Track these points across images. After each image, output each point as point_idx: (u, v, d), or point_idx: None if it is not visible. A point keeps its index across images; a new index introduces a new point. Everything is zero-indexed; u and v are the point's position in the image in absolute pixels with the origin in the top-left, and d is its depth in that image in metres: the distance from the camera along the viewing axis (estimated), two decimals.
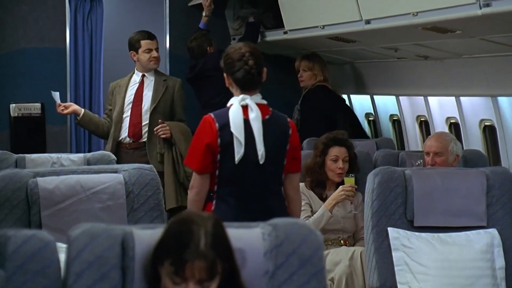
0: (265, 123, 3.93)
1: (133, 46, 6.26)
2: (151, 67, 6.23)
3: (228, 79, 4.03)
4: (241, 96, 3.96)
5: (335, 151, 5.12)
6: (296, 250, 2.34)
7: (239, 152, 3.87)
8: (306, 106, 6.97)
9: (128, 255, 2.24)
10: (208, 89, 7.14)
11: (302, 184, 5.12)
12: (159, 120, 6.04)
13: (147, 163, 5.28)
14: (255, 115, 3.92)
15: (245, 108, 3.94)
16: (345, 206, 5.07)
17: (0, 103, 8.18)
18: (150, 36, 6.30)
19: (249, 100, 3.93)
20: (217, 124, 3.89)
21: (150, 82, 6.24)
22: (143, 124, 6.15)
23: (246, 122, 3.91)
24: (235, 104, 3.94)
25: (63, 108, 6.37)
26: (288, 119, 4.05)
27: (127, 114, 6.19)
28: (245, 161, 3.89)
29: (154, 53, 6.21)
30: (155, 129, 6.01)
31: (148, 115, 6.15)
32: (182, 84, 6.36)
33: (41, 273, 2.22)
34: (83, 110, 6.42)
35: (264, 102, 4.01)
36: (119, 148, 6.15)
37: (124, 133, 6.17)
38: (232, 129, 3.87)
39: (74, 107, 6.46)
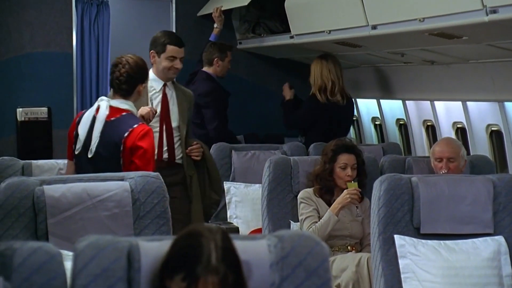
0: (107, 124, 4.38)
1: (157, 47, 5.37)
2: (168, 76, 5.33)
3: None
4: (101, 97, 4.54)
5: (344, 158, 5.11)
6: (302, 262, 2.33)
7: (78, 144, 4.44)
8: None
9: (134, 268, 2.24)
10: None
11: (310, 190, 5.12)
12: (194, 142, 5.37)
13: (178, 184, 5.13)
14: (99, 115, 4.40)
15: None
16: (352, 210, 5.07)
17: (7, 108, 8.20)
18: (178, 42, 5.40)
19: (103, 102, 4.45)
20: (78, 119, 4.54)
21: (172, 94, 5.37)
22: (176, 144, 5.32)
23: (95, 120, 4.42)
24: (94, 104, 4.54)
25: None
26: (136, 125, 4.36)
27: (155, 130, 5.17)
28: (83, 153, 4.42)
29: (178, 64, 5.31)
30: (189, 149, 5.32)
31: (178, 134, 5.34)
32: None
33: (47, 285, 2.22)
34: None
35: (123, 106, 4.43)
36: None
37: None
38: (79, 125, 4.47)
39: None
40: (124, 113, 4.41)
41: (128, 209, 3.53)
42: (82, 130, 4.43)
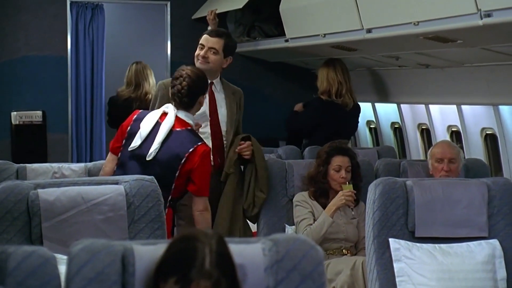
0: (172, 133, 4.47)
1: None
2: (198, 66, 5.01)
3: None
4: (168, 104, 4.62)
5: (338, 160, 5.12)
6: (297, 266, 2.33)
7: (137, 141, 4.45)
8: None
9: (128, 271, 2.23)
10: None
11: (305, 193, 5.12)
12: (242, 141, 5.15)
13: (214, 184, 4.93)
14: (166, 121, 4.48)
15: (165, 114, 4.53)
16: (347, 213, 5.07)
17: (2, 111, 8.20)
18: (211, 32, 5.24)
19: (170, 109, 4.54)
20: (135, 116, 4.58)
21: (220, 95, 5.16)
22: (225, 148, 5.17)
23: (158, 125, 4.49)
24: (159, 108, 4.62)
25: None
26: (200, 143, 4.46)
27: (203, 135, 4.94)
28: (137, 152, 4.46)
29: (204, 52, 5.06)
30: (239, 148, 5.12)
31: (225, 140, 5.17)
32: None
33: None
34: None
35: (188, 120, 4.53)
36: None
37: None
38: (142, 122, 4.50)
39: None
40: (189, 127, 4.51)
41: (123, 213, 3.53)
42: (145, 130, 4.47)
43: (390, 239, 3.80)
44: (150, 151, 4.42)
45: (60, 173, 4.96)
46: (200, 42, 5.12)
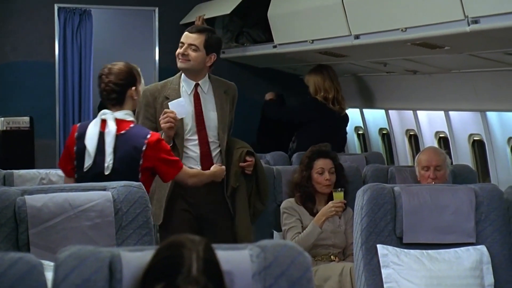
0: (118, 138, 4.20)
1: None
2: (178, 66, 4.85)
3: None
4: (103, 111, 4.30)
5: (320, 163, 5.13)
6: (284, 272, 2.32)
7: (88, 161, 4.19)
8: None
9: (115, 278, 2.22)
10: None
11: (292, 200, 5.13)
12: (247, 156, 4.91)
13: (218, 204, 4.83)
14: (109, 130, 4.21)
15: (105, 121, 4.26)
16: (334, 220, 5.07)
17: None
18: (192, 28, 4.93)
19: (108, 115, 4.25)
20: (76, 133, 4.27)
21: (208, 96, 4.89)
22: (213, 155, 4.86)
23: (102, 135, 4.21)
24: (96, 118, 4.30)
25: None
26: (149, 135, 4.21)
27: (191, 142, 4.84)
28: (93, 170, 4.18)
29: (183, 49, 4.82)
30: (245, 164, 4.90)
31: (217, 145, 4.87)
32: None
33: None
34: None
35: (128, 118, 4.27)
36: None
37: (195, 166, 4.80)
38: (86, 140, 4.21)
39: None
40: (132, 125, 4.28)
41: (110, 219, 3.52)
42: (91, 146, 4.22)
43: (378, 245, 3.80)
44: (106, 165, 4.19)
45: (48, 179, 4.95)
46: (180, 40, 4.86)
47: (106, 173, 4.16)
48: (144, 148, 4.19)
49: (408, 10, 4.88)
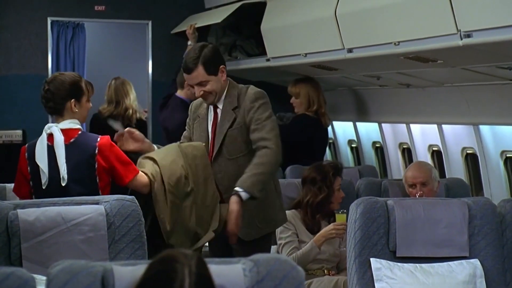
0: (68, 147, 4.14)
1: None
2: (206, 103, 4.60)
3: None
4: (47, 125, 4.29)
5: (338, 180, 5.11)
6: (277, 286, 2.32)
7: (43, 178, 4.12)
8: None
9: None
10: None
11: (289, 212, 5.02)
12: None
13: None
14: (56, 141, 4.17)
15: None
16: (334, 242, 5.03)
17: None
18: (184, 68, 4.53)
19: (53, 128, 4.23)
20: (26, 154, 4.26)
21: (222, 111, 4.58)
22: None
23: (52, 148, 4.17)
24: (42, 133, 4.27)
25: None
26: (99, 139, 4.14)
27: None
28: (52, 185, 4.11)
29: (196, 93, 4.52)
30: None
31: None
32: (256, 97, 4.56)
33: None
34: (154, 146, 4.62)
35: (73, 126, 4.22)
36: None
37: None
38: (36, 158, 4.16)
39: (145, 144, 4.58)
40: (79, 132, 4.22)
41: (103, 233, 3.51)
42: (43, 162, 4.18)
43: (371, 259, 3.79)
44: (61, 176, 4.13)
45: None
46: (186, 82, 4.62)
47: (63, 184, 4.11)
48: (96, 151, 4.13)
49: (401, 24, 4.89)
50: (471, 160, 6.10)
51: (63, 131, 4.21)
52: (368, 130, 7.67)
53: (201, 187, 4.30)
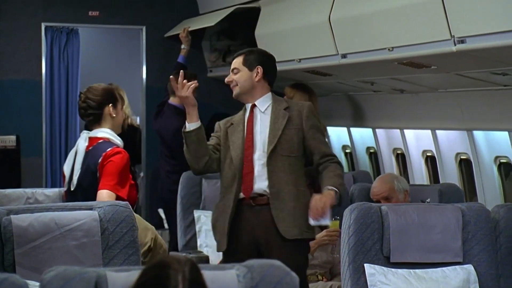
0: (86, 154, 4.36)
1: None
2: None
3: None
4: (82, 131, 4.51)
5: None
6: None
7: (66, 181, 4.42)
8: None
9: None
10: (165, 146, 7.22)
11: None
12: None
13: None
14: (78, 148, 4.41)
15: None
16: (326, 249, 5.02)
17: None
18: (235, 55, 4.84)
19: (83, 134, 4.45)
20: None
21: (265, 114, 4.66)
22: (256, 173, 4.54)
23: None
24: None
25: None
26: (109, 149, 4.27)
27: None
28: (69, 188, 4.40)
29: (227, 78, 4.78)
30: None
31: (264, 161, 4.57)
32: (312, 108, 4.74)
33: None
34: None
35: (100, 134, 4.37)
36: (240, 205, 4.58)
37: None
38: (65, 163, 4.47)
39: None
40: (100, 141, 4.37)
41: (97, 239, 3.50)
42: (67, 166, 4.44)
43: (365, 265, 3.80)
44: (72, 180, 4.36)
45: (34, 198, 4.92)
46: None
47: (72, 189, 4.35)
48: (100, 160, 4.26)
49: (395, 30, 4.90)
50: (465, 165, 6.10)
51: (90, 138, 4.39)
52: (362, 136, 7.67)
53: None
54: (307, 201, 4.49)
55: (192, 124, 4.56)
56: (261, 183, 4.53)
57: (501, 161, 5.70)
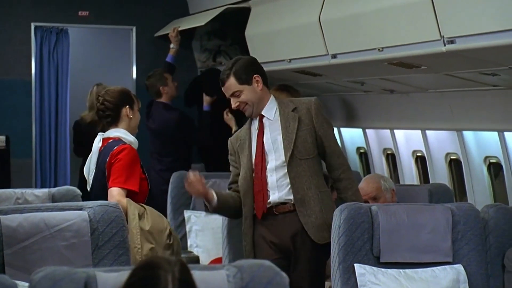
0: (99, 154, 4.53)
1: None
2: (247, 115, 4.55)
3: None
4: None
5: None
6: None
7: (88, 182, 4.62)
8: None
9: None
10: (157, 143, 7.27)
11: None
12: None
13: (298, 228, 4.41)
14: (93, 148, 4.58)
15: None
16: None
17: None
18: (220, 80, 4.55)
19: (98, 136, 4.61)
20: None
21: (275, 121, 4.46)
22: (270, 181, 4.38)
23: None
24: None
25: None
26: (116, 148, 4.42)
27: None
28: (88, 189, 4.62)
29: (233, 104, 4.51)
30: None
31: (282, 169, 4.39)
32: (319, 104, 4.52)
33: None
34: (214, 195, 4.42)
35: (114, 134, 4.52)
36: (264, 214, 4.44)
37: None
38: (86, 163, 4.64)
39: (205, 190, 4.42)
40: (110, 140, 4.50)
41: (87, 239, 3.50)
42: (86, 168, 4.63)
43: (355, 265, 3.80)
44: (88, 181, 4.61)
45: (23, 199, 4.89)
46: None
47: (88, 188, 4.60)
48: (108, 158, 4.40)
49: (385, 30, 4.91)
50: (455, 165, 6.11)
51: (103, 139, 4.56)
52: (353, 136, 7.67)
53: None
54: (330, 201, 4.44)
55: (211, 207, 4.44)
56: (280, 193, 4.38)
57: (491, 161, 5.71)
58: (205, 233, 5.95)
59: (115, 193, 4.31)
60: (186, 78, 8.08)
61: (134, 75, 8.74)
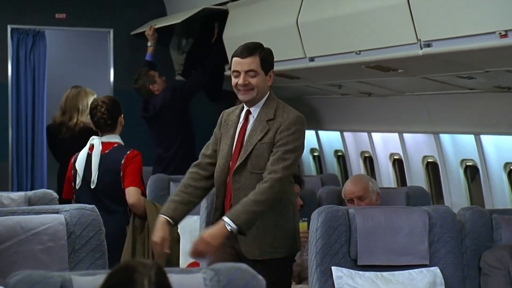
0: (103, 156, 5.11)
1: None
2: (240, 97, 4.24)
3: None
4: (92, 137, 5.20)
5: (296, 188, 5.09)
6: None
7: (78, 179, 5.13)
8: None
9: None
10: (161, 128, 7.34)
11: None
12: None
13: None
14: (94, 151, 5.12)
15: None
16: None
17: None
18: (242, 51, 4.25)
19: (95, 140, 5.16)
20: (73, 160, 5.22)
21: (254, 121, 4.24)
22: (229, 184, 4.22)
23: (90, 156, 5.12)
24: (87, 144, 5.20)
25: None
26: (129, 152, 5.11)
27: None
28: (84, 186, 5.11)
29: (240, 80, 4.16)
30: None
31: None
32: (301, 120, 4.26)
33: None
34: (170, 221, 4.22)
35: (113, 139, 5.15)
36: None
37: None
38: (76, 163, 5.15)
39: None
40: (115, 145, 5.15)
41: (63, 243, 3.48)
42: (80, 166, 5.13)
43: (332, 267, 3.80)
44: (92, 179, 5.08)
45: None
46: (232, 68, 4.22)
47: (92, 186, 5.08)
48: (123, 161, 5.06)
49: (362, 33, 4.92)
50: (432, 168, 6.14)
51: (103, 143, 5.13)
52: (330, 139, 7.70)
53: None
54: (271, 219, 4.14)
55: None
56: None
57: (467, 164, 5.75)
58: (183, 236, 5.91)
59: (136, 192, 5.02)
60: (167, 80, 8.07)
61: (112, 78, 8.71)
